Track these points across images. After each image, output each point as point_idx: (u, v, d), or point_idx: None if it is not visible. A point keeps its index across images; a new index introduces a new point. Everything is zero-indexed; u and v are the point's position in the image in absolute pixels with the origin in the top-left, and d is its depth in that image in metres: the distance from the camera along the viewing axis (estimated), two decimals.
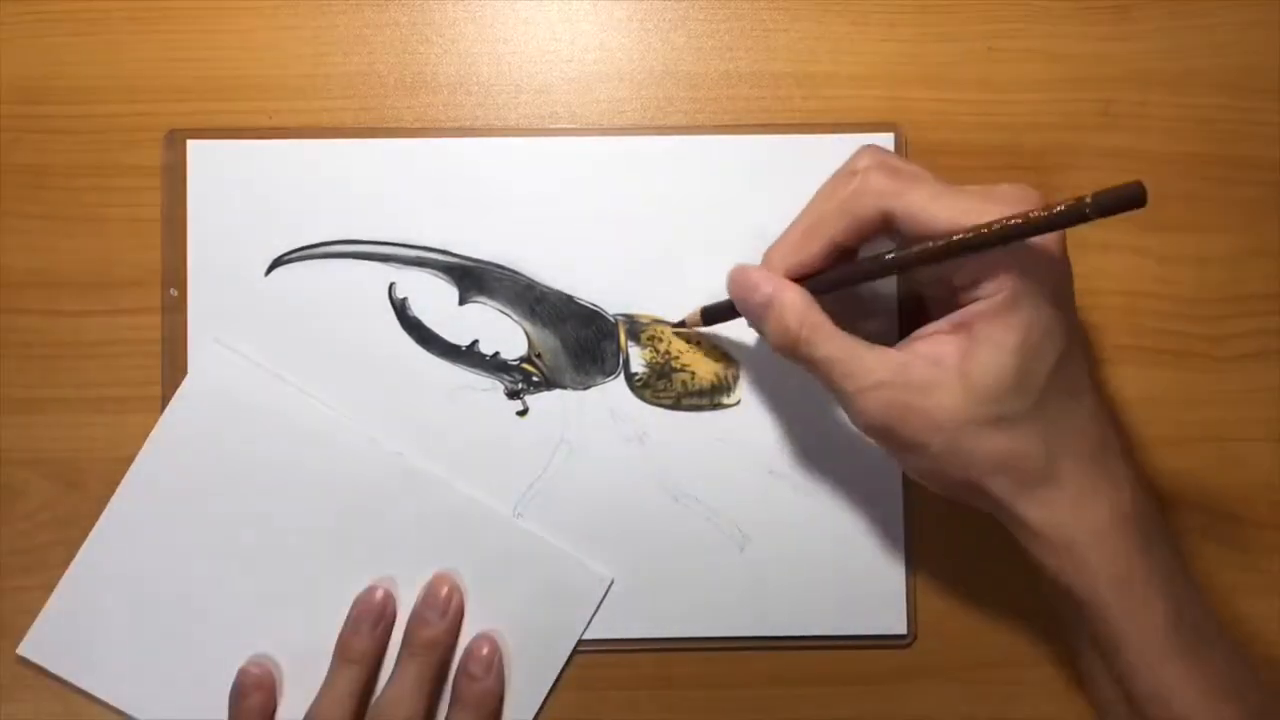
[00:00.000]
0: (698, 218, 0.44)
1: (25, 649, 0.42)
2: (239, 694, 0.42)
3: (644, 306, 0.44)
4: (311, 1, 0.45)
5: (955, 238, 0.34)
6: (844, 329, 0.37)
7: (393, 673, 0.42)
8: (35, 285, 0.44)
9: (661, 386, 0.44)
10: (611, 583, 0.43)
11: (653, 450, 0.44)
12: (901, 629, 0.44)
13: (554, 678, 0.43)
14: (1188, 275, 0.45)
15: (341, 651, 0.42)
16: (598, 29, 0.45)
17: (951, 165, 0.45)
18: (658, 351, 0.44)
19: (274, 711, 0.42)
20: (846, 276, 0.38)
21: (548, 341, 0.44)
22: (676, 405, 0.44)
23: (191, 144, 0.44)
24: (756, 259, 0.43)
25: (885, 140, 0.44)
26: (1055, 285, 0.35)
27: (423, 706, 0.41)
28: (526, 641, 0.43)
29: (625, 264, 0.44)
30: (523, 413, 0.44)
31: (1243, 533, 0.45)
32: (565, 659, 0.43)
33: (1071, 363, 0.35)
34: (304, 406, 0.43)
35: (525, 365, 0.44)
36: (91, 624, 0.43)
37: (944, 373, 0.35)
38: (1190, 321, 0.45)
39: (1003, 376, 0.34)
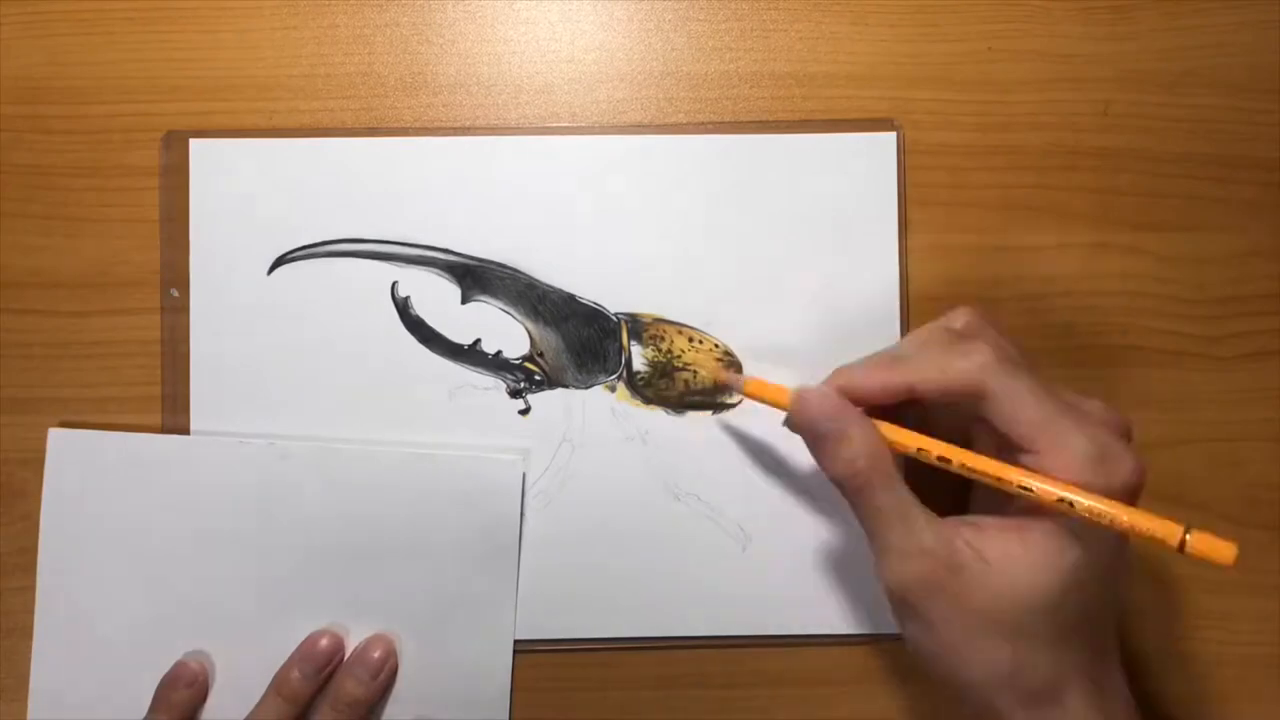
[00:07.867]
0: (699, 216, 0.44)
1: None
2: (170, 684, 0.42)
3: (646, 305, 0.44)
4: (311, 1, 0.45)
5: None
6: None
7: None
8: (35, 285, 0.44)
9: (664, 385, 0.44)
10: (525, 473, 0.43)
11: (655, 449, 0.44)
12: None
13: (514, 582, 0.43)
14: (1187, 275, 0.45)
15: (278, 685, 0.42)
16: (598, 29, 0.45)
17: (952, 165, 0.45)
18: (660, 350, 0.44)
19: (197, 712, 0.42)
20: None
21: (550, 340, 0.44)
22: (679, 404, 0.44)
23: (194, 143, 0.44)
24: (756, 257, 0.44)
25: (886, 140, 0.44)
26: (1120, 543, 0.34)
27: None
28: (477, 561, 0.43)
29: (627, 263, 0.44)
30: (525, 411, 0.44)
31: (1242, 533, 0.45)
32: (517, 560, 0.43)
33: (1103, 621, 0.35)
34: (165, 447, 0.43)
35: (527, 364, 0.44)
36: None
37: (986, 569, 0.34)
38: (1190, 321, 0.45)
39: (1041, 596, 0.33)
